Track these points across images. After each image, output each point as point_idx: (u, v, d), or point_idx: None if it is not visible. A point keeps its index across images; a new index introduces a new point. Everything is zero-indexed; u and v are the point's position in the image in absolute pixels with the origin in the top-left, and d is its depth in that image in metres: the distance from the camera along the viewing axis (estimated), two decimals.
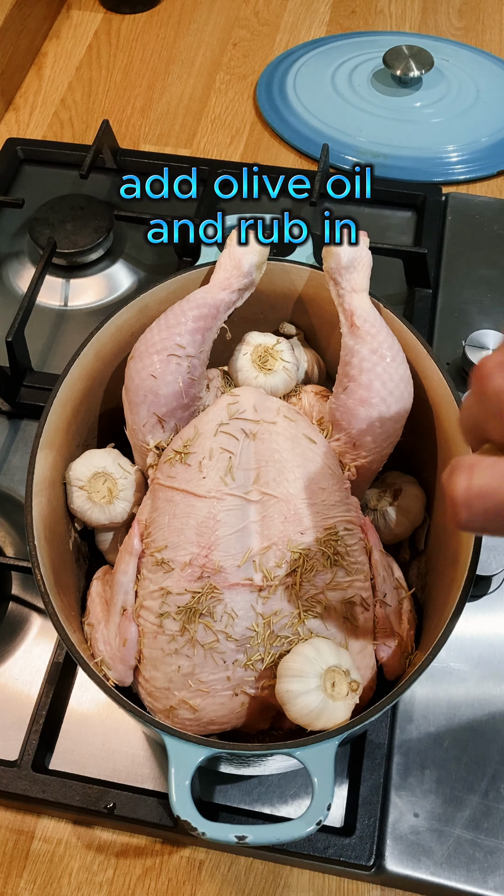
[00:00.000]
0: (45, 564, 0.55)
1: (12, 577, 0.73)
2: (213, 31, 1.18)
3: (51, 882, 0.62)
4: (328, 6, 1.21)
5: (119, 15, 1.20)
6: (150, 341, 0.61)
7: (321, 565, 0.54)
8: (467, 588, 0.52)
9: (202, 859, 0.62)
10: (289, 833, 0.47)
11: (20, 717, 0.66)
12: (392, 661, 0.56)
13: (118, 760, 0.65)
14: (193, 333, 0.61)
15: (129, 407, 0.62)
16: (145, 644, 0.55)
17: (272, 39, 1.17)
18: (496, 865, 0.59)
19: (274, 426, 0.58)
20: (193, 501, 0.56)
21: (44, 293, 0.87)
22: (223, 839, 0.47)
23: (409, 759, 0.63)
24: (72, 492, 0.62)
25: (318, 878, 0.62)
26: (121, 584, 0.57)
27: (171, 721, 0.55)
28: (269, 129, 1.07)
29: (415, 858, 0.59)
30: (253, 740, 0.57)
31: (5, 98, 1.10)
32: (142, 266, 0.92)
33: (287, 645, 0.53)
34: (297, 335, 0.72)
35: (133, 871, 0.62)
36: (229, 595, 0.53)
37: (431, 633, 0.54)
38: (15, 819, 0.64)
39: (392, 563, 0.61)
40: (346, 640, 0.54)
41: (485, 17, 1.18)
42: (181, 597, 0.54)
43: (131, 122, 1.08)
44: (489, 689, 0.65)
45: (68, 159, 1.00)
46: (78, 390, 0.63)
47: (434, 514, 0.64)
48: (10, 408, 0.81)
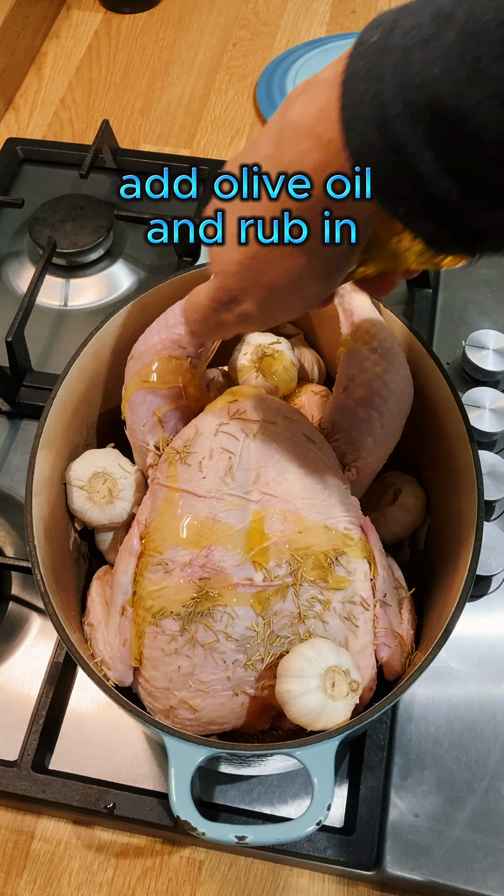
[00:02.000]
0: (45, 564, 0.55)
1: (12, 577, 0.73)
2: (213, 30, 1.18)
3: (51, 882, 0.62)
4: (328, 6, 1.21)
5: (119, 15, 1.20)
6: (150, 341, 0.61)
7: (321, 565, 0.54)
8: (467, 588, 0.52)
9: (202, 859, 0.62)
10: (289, 833, 0.47)
11: (20, 717, 0.66)
12: (392, 661, 0.56)
13: (118, 760, 0.65)
14: None
15: (128, 407, 0.62)
16: (145, 644, 0.55)
17: (272, 39, 1.17)
18: (496, 865, 0.59)
19: (274, 426, 0.58)
20: (193, 501, 0.56)
21: (44, 293, 0.87)
22: (223, 839, 0.47)
23: (409, 759, 0.63)
24: (72, 492, 0.62)
25: (318, 879, 0.62)
26: (121, 584, 0.57)
27: (171, 721, 0.55)
28: None
29: (415, 858, 0.59)
30: (253, 740, 0.57)
31: (5, 98, 1.10)
32: (142, 266, 0.92)
33: (287, 645, 0.53)
34: (297, 335, 0.72)
35: (133, 871, 0.62)
36: (229, 595, 0.53)
37: (431, 633, 0.54)
38: (15, 819, 0.64)
39: (392, 563, 0.61)
40: (346, 640, 0.54)
41: None
42: (181, 597, 0.54)
43: (131, 122, 1.08)
44: (489, 689, 0.65)
45: (68, 159, 1.00)
46: (78, 390, 0.63)
47: (434, 514, 0.64)
48: (10, 408, 0.81)
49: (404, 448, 0.62)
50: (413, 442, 0.63)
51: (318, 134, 0.36)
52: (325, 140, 0.36)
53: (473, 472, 0.56)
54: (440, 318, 0.84)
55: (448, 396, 0.59)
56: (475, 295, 0.86)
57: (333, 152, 0.35)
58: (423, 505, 0.65)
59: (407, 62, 0.31)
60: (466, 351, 0.78)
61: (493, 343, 0.78)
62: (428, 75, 0.31)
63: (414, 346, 0.62)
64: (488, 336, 0.79)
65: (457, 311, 0.85)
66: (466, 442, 0.57)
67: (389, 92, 0.32)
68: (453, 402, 0.59)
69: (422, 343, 0.61)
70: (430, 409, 0.62)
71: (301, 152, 0.37)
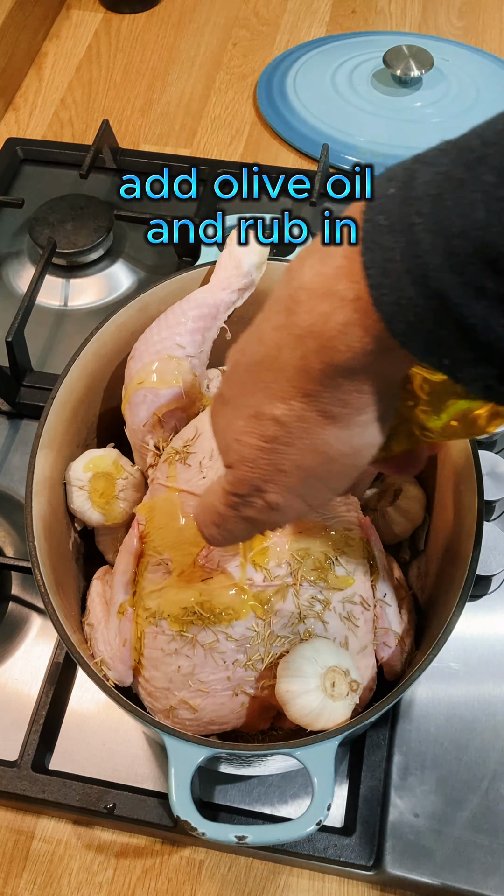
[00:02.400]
0: (45, 564, 0.55)
1: (12, 577, 0.73)
2: (213, 31, 1.18)
3: (51, 882, 0.62)
4: (328, 6, 1.21)
5: (119, 15, 1.20)
6: (150, 341, 0.61)
7: (321, 565, 0.54)
8: (467, 588, 0.52)
9: (202, 859, 0.62)
10: (289, 833, 0.47)
11: (20, 717, 0.66)
12: (392, 661, 0.56)
13: (118, 760, 0.65)
14: (193, 333, 0.61)
15: (128, 407, 0.62)
16: (145, 644, 0.55)
17: (272, 39, 1.17)
18: (496, 865, 0.59)
19: None
20: (193, 501, 0.56)
21: (44, 293, 0.87)
22: (223, 839, 0.47)
23: (409, 759, 0.63)
24: (72, 492, 0.62)
25: (318, 879, 0.62)
26: (121, 584, 0.57)
27: (171, 721, 0.55)
28: (268, 129, 1.07)
29: (415, 859, 0.59)
30: (253, 740, 0.57)
31: (5, 98, 1.10)
32: (142, 266, 0.92)
33: (287, 645, 0.53)
34: None
35: (133, 871, 0.62)
36: (229, 595, 0.53)
37: (431, 633, 0.54)
38: (15, 819, 0.64)
39: (392, 563, 0.61)
40: (346, 640, 0.54)
41: (485, 17, 1.18)
42: (181, 597, 0.54)
43: (131, 122, 1.08)
44: (489, 689, 0.65)
45: (68, 159, 1.00)
46: (78, 390, 0.63)
47: (434, 514, 0.64)
48: (10, 408, 0.81)
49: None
50: None
51: (341, 294, 0.32)
52: (348, 298, 0.32)
53: (473, 472, 0.56)
54: None
55: None
56: None
57: (362, 310, 0.32)
58: (423, 505, 0.65)
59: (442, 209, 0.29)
60: None
61: None
62: (470, 220, 0.28)
63: None
64: None
65: None
66: (466, 442, 0.57)
67: (425, 242, 0.29)
68: None
69: None
70: None
71: (321, 314, 0.33)
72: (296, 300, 0.34)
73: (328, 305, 0.33)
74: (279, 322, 0.35)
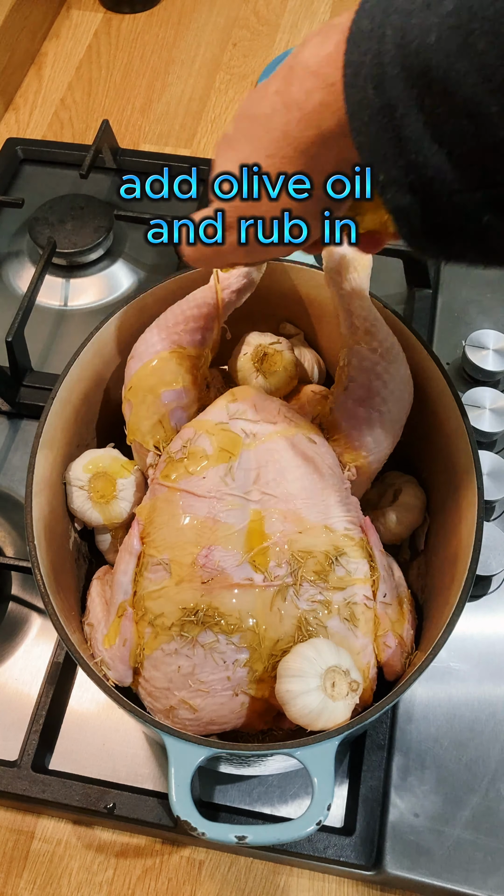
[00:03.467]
0: (44, 564, 0.55)
1: (12, 577, 0.73)
2: (213, 30, 1.18)
3: (51, 882, 0.62)
4: (328, 6, 1.21)
5: (119, 15, 1.20)
6: (150, 341, 0.61)
7: (321, 565, 0.54)
8: (467, 588, 0.52)
9: (202, 859, 0.62)
10: (289, 833, 0.47)
11: (20, 717, 0.66)
12: (392, 661, 0.56)
13: (118, 760, 0.65)
14: (193, 333, 0.61)
15: (129, 407, 0.62)
16: (145, 644, 0.55)
17: (272, 39, 1.17)
18: (496, 866, 0.59)
19: (274, 426, 0.58)
20: (193, 501, 0.56)
21: (44, 293, 0.87)
22: (223, 839, 0.47)
23: (409, 759, 0.63)
24: (72, 492, 0.62)
25: (318, 879, 0.62)
26: (121, 584, 0.57)
27: (171, 721, 0.55)
28: None
29: (415, 858, 0.59)
30: (253, 740, 0.57)
31: (5, 98, 1.10)
32: (142, 266, 0.92)
33: (287, 645, 0.53)
34: (297, 335, 0.72)
35: (133, 871, 0.62)
36: (229, 595, 0.53)
37: (431, 633, 0.54)
38: (15, 819, 0.64)
39: (392, 563, 0.61)
40: (346, 640, 0.54)
41: None
42: (181, 597, 0.54)
43: (131, 122, 1.08)
44: (489, 689, 0.65)
45: (68, 159, 1.00)
46: (78, 390, 0.63)
47: (434, 514, 0.64)
48: (10, 408, 0.81)
49: (404, 448, 0.62)
50: (413, 442, 0.63)
51: (324, 76, 0.37)
52: (329, 82, 0.37)
53: (473, 472, 0.56)
54: (440, 318, 0.84)
55: (448, 396, 0.59)
56: (475, 295, 0.86)
57: (333, 95, 0.37)
58: (423, 505, 0.65)
59: (407, 26, 0.32)
60: (466, 351, 0.78)
61: (493, 343, 0.78)
62: (423, 42, 0.32)
63: (414, 346, 0.61)
64: (488, 336, 0.79)
65: (457, 311, 0.85)
66: (466, 442, 0.57)
67: (388, 53, 0.33)
68: (453, 402, 0.59)
69: (422, 343, 0.61)
70: (430, 409, 0.62)
71: (306, 91, 0.38)
72: (294, 71, 0.39)
73: (312, 83, 0.38)
74: (278, 87, 0.40)
